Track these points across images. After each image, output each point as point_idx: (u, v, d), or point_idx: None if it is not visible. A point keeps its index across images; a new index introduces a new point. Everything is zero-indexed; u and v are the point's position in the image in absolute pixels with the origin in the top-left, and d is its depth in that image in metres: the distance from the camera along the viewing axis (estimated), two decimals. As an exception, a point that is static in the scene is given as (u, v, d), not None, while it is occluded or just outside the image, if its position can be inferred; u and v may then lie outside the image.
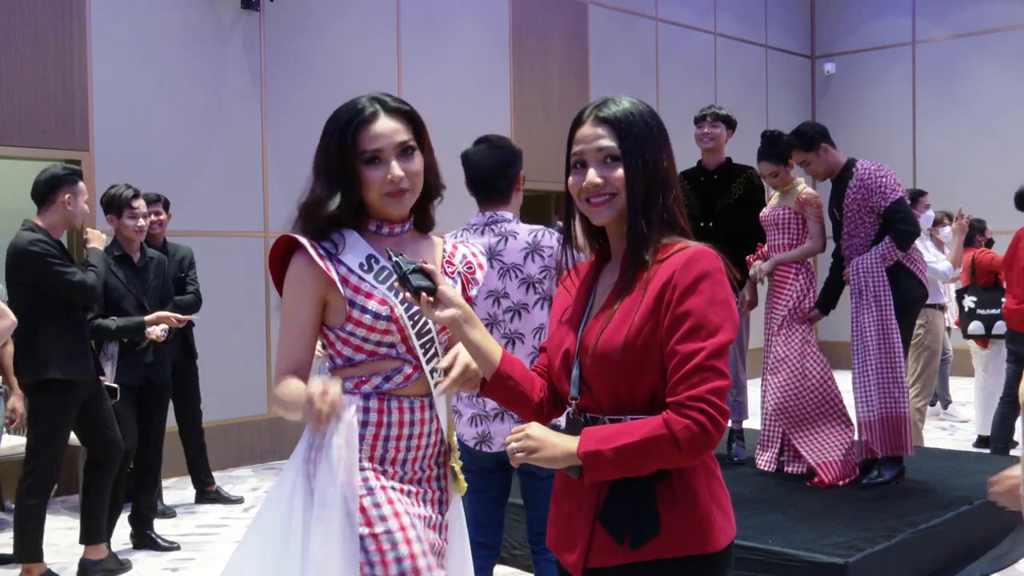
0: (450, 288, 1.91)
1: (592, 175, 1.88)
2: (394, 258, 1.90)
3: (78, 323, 4.54)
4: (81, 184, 4.57)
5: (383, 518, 2.04)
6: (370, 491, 2.05)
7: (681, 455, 1.74)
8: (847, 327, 5.13)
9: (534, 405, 1.98)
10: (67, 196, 4.48)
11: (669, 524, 1.80)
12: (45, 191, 4.51)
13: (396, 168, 2.06)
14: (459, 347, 2.01)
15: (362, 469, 2.06)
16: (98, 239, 4.74)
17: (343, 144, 2.05)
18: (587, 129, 1.90)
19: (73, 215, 4.53)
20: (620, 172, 1.87)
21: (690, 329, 1.75)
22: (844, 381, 5.26)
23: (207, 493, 6.18)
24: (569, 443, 1.80)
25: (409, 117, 2.12)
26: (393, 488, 2.08)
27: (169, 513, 5.85)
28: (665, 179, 1.89)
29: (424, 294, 1.87)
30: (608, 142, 1.88)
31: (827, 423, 5.06)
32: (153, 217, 5.57)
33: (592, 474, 1.79)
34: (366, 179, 2.07)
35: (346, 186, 2.06)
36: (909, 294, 4.94)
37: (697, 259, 1.80)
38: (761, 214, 5.43)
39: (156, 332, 4.92)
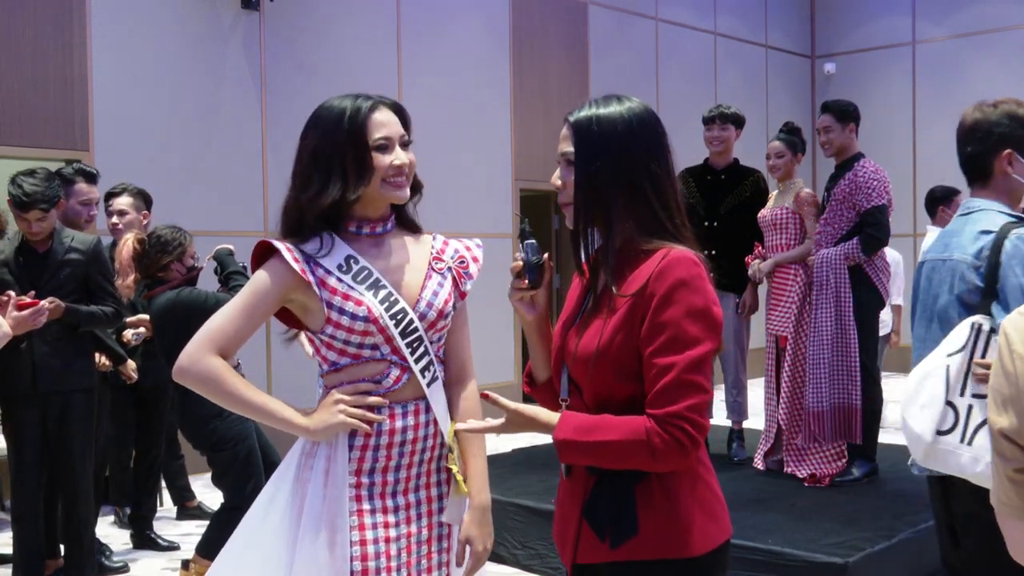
0: (544, 294, 1.97)
1: (554, 177, 1.93)
2: (526, 228, 1.95)
3: None
4: (76, 187, 4.73)
5: (353, 543, 2.01)
6: (347, 514, 2.02)
7: (655, 464, 1.76)
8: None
9: None
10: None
11: (646, 526, 1.80)
12: None
13: (403, 154, 2.08)
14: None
15: (348, 486, 2.04)
16: None
17: (354, 131, 2.04)
18: (563, 130, 1.92)
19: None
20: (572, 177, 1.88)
21: (667, 341, 1.74)
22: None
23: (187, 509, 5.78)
24: (552, 420, 1.84)
25: (401, 115, 2.14)
26: (373, 511, 2.04)
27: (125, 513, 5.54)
28: (636, 183, 1.83)
29: (526, 281, 1.93)
30: (567, 146, 1.88)
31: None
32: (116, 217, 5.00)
33: (562, 457, 1.83)
34: (375, 165, 2.05)
35: (355, 174, 2.04)
36: (864, 305, 5.01)
37: (672, 267, 1.76)
38: (759, 214, 5.44)
39: (128, 335, 4.81)
